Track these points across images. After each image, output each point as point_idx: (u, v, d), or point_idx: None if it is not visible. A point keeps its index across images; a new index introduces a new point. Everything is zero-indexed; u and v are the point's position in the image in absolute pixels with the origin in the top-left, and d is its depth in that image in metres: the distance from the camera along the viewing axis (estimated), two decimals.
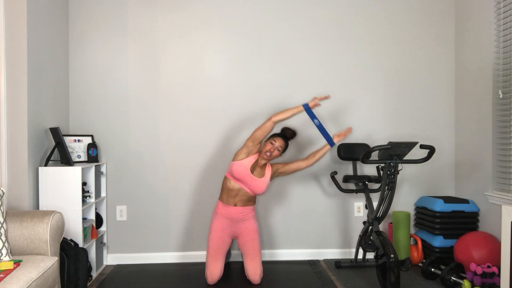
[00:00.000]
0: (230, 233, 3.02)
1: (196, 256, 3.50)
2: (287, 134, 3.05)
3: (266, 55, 3.52)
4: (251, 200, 3.02)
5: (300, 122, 3.52)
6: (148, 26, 3.46)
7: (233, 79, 3.51)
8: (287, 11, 3.54)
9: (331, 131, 3.54)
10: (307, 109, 2.97)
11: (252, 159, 2.96)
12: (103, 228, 3.43)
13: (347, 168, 3.59)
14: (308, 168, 3.55)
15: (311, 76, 3.55)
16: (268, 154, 2.93)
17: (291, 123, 3.46)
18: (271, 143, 2.95)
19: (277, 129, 3.21)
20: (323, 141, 3.41)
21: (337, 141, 3.06)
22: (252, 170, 2.96)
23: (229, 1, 3.51)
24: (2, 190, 2.21)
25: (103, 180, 3.43)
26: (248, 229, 3.00)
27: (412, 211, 3.64)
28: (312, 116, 3.02)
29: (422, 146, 2.85)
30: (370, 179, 3.28)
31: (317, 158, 3.06)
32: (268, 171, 3.02)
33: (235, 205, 2.97)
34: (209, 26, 3.50)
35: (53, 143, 3.05)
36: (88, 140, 3.26)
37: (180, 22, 3.48)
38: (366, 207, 3.17)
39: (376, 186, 3.57)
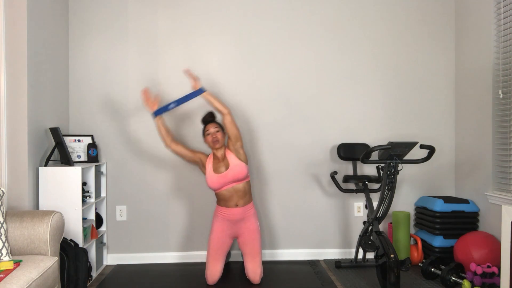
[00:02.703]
0: (231, 234, 3.02)
1: (196, 256, 3.50)
2: (208, 118, 3.08)
3: (265, 55, 3.52)
4: (248, 192, 3.02)
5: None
6: (148, 26, 3.46)
7: (233, 79, 3.51)
8: (287, 11, 3.54)
9: (331, 131, 3.55)
10: (156, 113, 2.95)
11: (210, 162, 3.00)
12: (103, 228, 3.43)
13: (347, 168, 3.59)
14: (308, 167, 3.55)
15: (311, 76, 3.55)
16: (216, 142, 2.95)
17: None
18: (208, 134, 2.99)
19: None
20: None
21: (198, 85, 2.96)
22: (217, 169, 2.96)
23: (229, 1, 3.51)
24: (2, 190, 2.21)
25: (103, 180, 3.43)
26: (249, 229, 3.00)
27: (412, 211, 3.64)
28: (165, 108, 2.97)
29: (422, 146, 2.85)
30: (370, 179, 3.28)
31: (219, 104, 2.93)
32: (230, 154, 2.99)
33: (236, 206, 2.97)
34: (209, 26, 3.50)
35: (53, 143, 3.05)
36: (88, 140, 3.26)
37: (180, 22, 3.48)
38: (366, 207, 3.17)
39: (376, 186, 3.57)
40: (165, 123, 3.05)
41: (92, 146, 3.21)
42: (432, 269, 2.98)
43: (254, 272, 2.95)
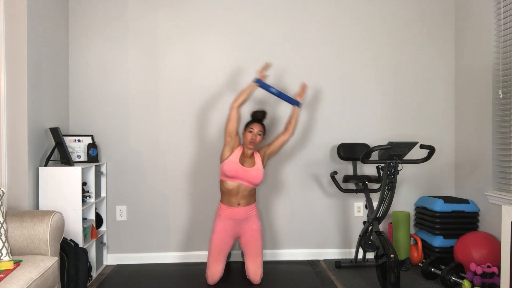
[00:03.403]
0: (233, 235, 3.02)
1: (196, 256, 3.50)
2: (259, 117, 3.07)
3: (265, 55, 3.52)
4: (252, 195, 3.02)
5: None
6: (148, 26, 3.46)
7: (233, 79, 3.51)
8: (287, 12, 3.54)
9: (331, 131, 3.55)
10: (260, 82, 2.99)
11: (237, 152, 2.98)
12: (103, 228, 3.43)
13: (347, 168, 3.59)
14: (308, 167, 3.55)
15: (311, 76, 3.55)
16: (252, 143, 2.95)
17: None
18: (250, 131, 2.97)
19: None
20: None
21: (301, 99, 3.12)
22: (242, 162, 2.97)
23: (230, 1, 3.51)
24: (2, 190, 2.21)
25: (103, 180, 3.43)
26: (251, 229, 3.00)
27: (412, 211, 3.64)
28: (267, 87, 3.03)
29: (422, 146, 2.85)
30: (370, 179, 3.28)
31: (293, 125, 3.10)
32: (258, 158, 3.03)
33: (238, 205, 2.97)
34: (209, 26, 3.50)
35: (53, 143, 3.05)
36: (88, 140, 3.26)
37: (180, 21, 3.48)
38: (366, 207, 3.17)
39: (376, 186, 3.57)
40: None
41: (92, 146, 3.21)
42: (432, 269, 2.98)
43: (254, 272, 2.95)
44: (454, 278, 2.81)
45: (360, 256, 3.50)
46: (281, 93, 3.06)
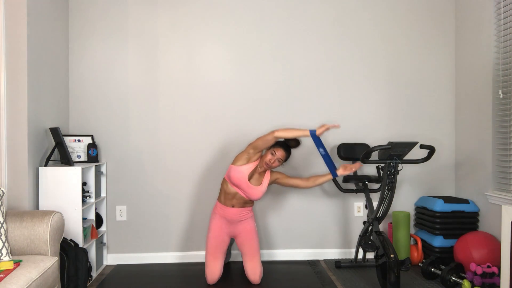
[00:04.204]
0: (228, 233, 3.02)
1: (196, 256, 3.50)
2: (290, 145, 2.99)
3: (265, 56, 3.52)
4: (248, 202, 3.02)
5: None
6: (148, 26, 3.46)
7: (234, 79, 3.51)
8: (286, 12, 3.54)
9: (331, 131, 3.55)
10: (314, 136, 2.85)
11: (251, 166, 2.94)
12: (103, 228, 3.43)
13: None
14: (308, 167, 3.55)
15: (311, 76, 3.55)
16: (268, 164, 2.92)
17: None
18: (272, 154, 2.91)
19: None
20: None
21: (341, 174, 3.00)
22: (250, 176, 2.95)
23: (229, 1, 3.51)
24: (2, 190, 2.21)
25: (103, 180, 3.43)
26: (245, 230, 3.00)
27: (412, 211, 3.64)
28: (318, 144, 2.94)
29: (422, 146, 2.85)
30: (370, 179, 3.28)
31: (317, 184, 3.05)
32: (267, 179, 3.01)
33: (232, 206, 2.97)
34: (209, 26, 3.50)
35: (53, 143, 3.05)
36: (88, 140, 3.26)
37: (180, 21, 3.48)
38: (366, 207, 3.17)
39: (376, 186, 3.57)
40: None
41: (92, 146, 3.21)
42: (432, 269, 2.98)
43: (253, 271, 2.95)
44: (454, 278, 2.81)
45: (360, 256, 3.50)
46: (327, 156, 2.98)
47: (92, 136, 3.30)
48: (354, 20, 3.58)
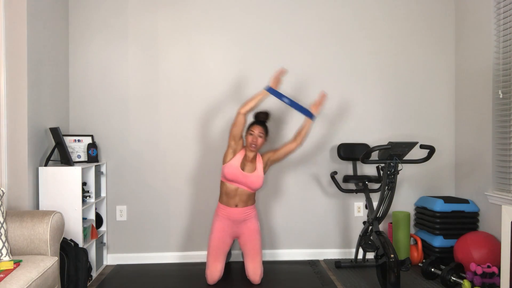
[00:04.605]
0: (231, 234, 3.02)
1: (196, 256, 3.50)
2: (261, 118, 3.04)
3: (265, 55, 3.52)
4: (251, 198, 3.02)
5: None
6: (148, 26, 3.46)
7: (234, 79, 3.51)
8: (287, 11, 3.54)
9: (331, 131, 3.55)
10: (271, 90, 2.91)
11: (239, 156, 2.96)
12: (103, 228, 3.43)
13: (347, 168, 3.59)
14: (307, 167, 3.55)
15: (311, 76, 3.55)
16: (253, 145, 2.94)
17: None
18: (251, 134, 2.96)
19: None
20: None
21: (315, 111, 3.03)
22: (243, 166, 2.96)
23: (230, 1, 3.51)
24: (2, 190, 2.21)
25: (103, 180, 3.43)
26: (249, 229, 3.00)
27: (412, 211, 3.64)
28: (280, 96, 2.95)
29: (422, 146, 2.85)
30: (370, 179, 3.28)
31: (303, 135, 3.04)
32: (260, 163, 3.01)
33: (236, 206, 2.97)
34: (209, 26, 3.50)
35: (53, 143, 3.05)
36: (88, 140, 3.26)
37: (180, 21, 3.48)
38: (366, 207, 3.17)
39: (376, 186, 3.57)
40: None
41: (92, 146, 3.21)
42: (432, 269, 2.98)
43: (254, 272, 2.95)
44: (454, 278, 2.81)
45: (360, 256, 3.50)
46: (294, 103, 2.97)
47: (92, 136, 3.30)
48: (354, 21, 3.58)
